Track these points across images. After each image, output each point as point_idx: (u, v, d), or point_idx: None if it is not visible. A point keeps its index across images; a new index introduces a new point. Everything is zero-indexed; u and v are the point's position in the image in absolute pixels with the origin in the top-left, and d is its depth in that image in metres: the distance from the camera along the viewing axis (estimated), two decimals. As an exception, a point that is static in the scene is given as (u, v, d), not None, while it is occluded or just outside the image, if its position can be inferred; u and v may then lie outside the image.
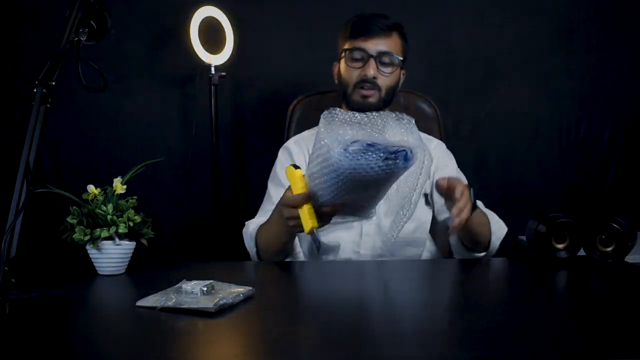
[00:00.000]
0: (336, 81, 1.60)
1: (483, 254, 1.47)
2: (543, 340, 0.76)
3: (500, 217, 1.54)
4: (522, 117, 2.32)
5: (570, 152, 2.32)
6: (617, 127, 2.32)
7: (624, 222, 1.23)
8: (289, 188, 1.19)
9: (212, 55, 2.09)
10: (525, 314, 0.92)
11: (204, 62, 2.09)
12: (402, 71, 1.58)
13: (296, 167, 1.17)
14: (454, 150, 1.68)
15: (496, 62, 2.29)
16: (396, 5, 2.24)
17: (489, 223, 1.44)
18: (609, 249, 1.22)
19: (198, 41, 2.07)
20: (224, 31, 2.11)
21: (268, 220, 1.39)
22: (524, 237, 1.70)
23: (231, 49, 2.12)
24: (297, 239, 1.42)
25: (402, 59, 1.55)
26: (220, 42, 2.12)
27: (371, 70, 1.49)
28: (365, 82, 1.50)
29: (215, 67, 2.10)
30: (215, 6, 2.10)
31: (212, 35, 2.12)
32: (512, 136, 2.32)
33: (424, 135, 1.66)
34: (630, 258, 1.27)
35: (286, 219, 1.21)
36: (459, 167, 1.66)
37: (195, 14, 2.06)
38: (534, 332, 0.80)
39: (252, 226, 1.47)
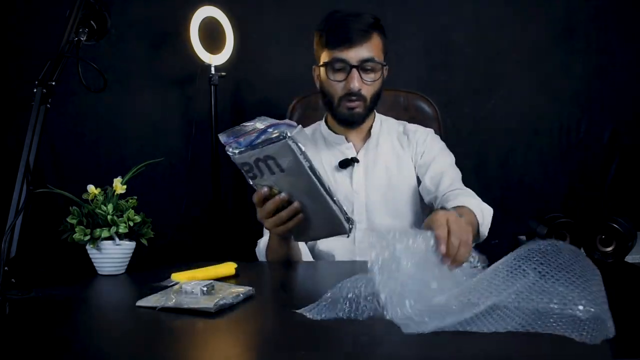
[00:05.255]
0: (318, 87, 1.56)
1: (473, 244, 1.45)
2: (543, 341, 0.76)
3: (501, 217, 1.53)
4: (522, 117, 2.32)
5: (570, 152, 2.32)
6: (617, 127, 2.33)
7: (624, 222, 1.23)
8: None
9: (212, 55, 2.09)
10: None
11: (204, 62, 2.09)
12: (385, 68, 1.52)
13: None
14: (454, 150, 1.68)
15: (496, 62, 2.29)
16: (396, 5, 2.24)
17: (475, 218, 1.36)
18: (609, 249, 1.22)
19: (198, 41, 2.08)
20: (224, 31, 2.11)
21: (269, 239, 1.40)
22: (524, 237, 1.70)
23: (231, 49, 2.12)
24: (301, 250, 1.42)
25: (384, 63, 1.49)
26: (220, 42, 2.12)
27: (355, 82, 1.44)
28: (350, 95, 1.46)
29: (215, 67, 2.10)
30: (215, 6, 2.10)
31: (212, 35, 2.12)
32: (512, 136, 2.32)
33: (410, 127, 1.64)
34: (630, 258, 1.27)
35: (258, 220, 1.22)
36: (459, 167, 1.66)
37: (195, 14, 2.06)
38: (534, 332, 0.80)
39: (261, 245, 1.48)
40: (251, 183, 1.17)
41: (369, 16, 1.48)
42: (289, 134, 1.07)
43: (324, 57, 1.49)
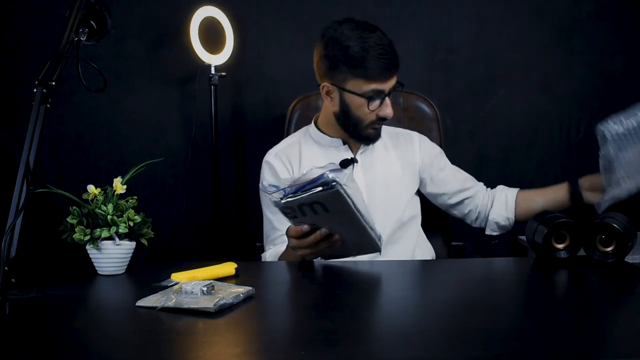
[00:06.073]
0: (335, 108, 1.50)
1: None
2: (543, 340, 0.76)
3: (500, 217, 1.55)
4: (522, 117, 2.32)
5: (570, 152, 2.32)
6: (617, 127, 2.32)
7: (624, 222, 1.23)
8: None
9: (212, 55, 2.09)
10: (526, 314, 0.92)
11: (204, 62, 2.10)
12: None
13: None
14: (454, 150, 1.69)
15: (496, 62, 2.29)
16: (397, 6, 2.24)
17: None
18: (609, 249, 1.22)
19: (198, 41, 2.08)
20: (224, 31, 2.11)
21: (286, 251, 1.39)
22: (524, 237, 1.70)
23: (231, 49, 2.12)
24: None
25: (403, 83, 1.50)
26: (220, 42, 2.12)
27: (390, 109, 1.46)
28: (383, 119, 1.48)
29: (215, 67, 2.10)
30: (215, 6, 2.10)
31: (212, 35, 2.12)
32: (512, 136, 2.32)
33: (403, 131, 1.68)
34: (630, 258, 1.27)
35: (292, 248, 1.26)
36: (459, 167, 1.67)
37: (195, 14, 2.07)
38: (534, 332, 0.80)
39: (269, 259, 1.49)
40: (290, 222, 1.22)
41: (387, 38, 1.45)
42: (340, 183, 1.10)
43: (359, 86, 1.44)
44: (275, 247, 1.50)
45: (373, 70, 1.42)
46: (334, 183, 1.09)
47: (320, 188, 1.10)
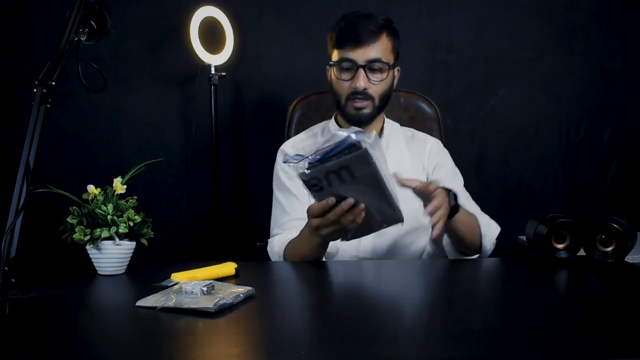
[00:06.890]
0: (330, 87, 1.55)
1: (476, 255, 1.47)
2: (543, 340, 0.76)
3: (501, 217, 1.54)
4: (522, 117, 2.32)
5: (570, 152, 2.32)
6: (617, 127, 2.33)
7: (624, 222, 1.23)
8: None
9: (212, 55, 2.09)
10: (525, 314, 0.92)
11: (204, 62, 2.10)
12: (397, 69, 1.53)
13: None
14: (454, 150, 1.68)
15: (496, 62, 2.29)
16: (397, 6, 2.24)
17: (478, 226, 1.43)
18: (609, 249, 1.22)
19: (198, 41, 2.08)
20: (224, 31, 2.11)
21: (299, 236, 1.35)
22: (524, 237, 1.70)
23: (231, 49, 2.12)
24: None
25: (392, 63, 1.49)
26: (220, 42, 2.12)
27: (361, 82, 1.44)
28: (356, 94, 1.46)
29: (215, 67, 2.10)
30: (215, 6, 2.10)
31: (212, 35, 2.12)
32: (512, 136, 2.32)
33: (420, 135, 1.66)
34: (630, 258, 1.27)
35: (315, 228, 1.20)
36: (459, 167, 1.66)
37: (195, 14, 2.07)
38: (534, 332, 0.80)
39: (277, 247, 1.45)
40: (314, 198, 1.15)
41: (380, 17, 1.48)
42: (367, 141, 1.06)
43: (334, 56, 1.50)
44: (284, 234, 1.47)
45: (339, 37, 1.46)
46: (360, 144, 1.05)
47: (347, 151, 1.06)
